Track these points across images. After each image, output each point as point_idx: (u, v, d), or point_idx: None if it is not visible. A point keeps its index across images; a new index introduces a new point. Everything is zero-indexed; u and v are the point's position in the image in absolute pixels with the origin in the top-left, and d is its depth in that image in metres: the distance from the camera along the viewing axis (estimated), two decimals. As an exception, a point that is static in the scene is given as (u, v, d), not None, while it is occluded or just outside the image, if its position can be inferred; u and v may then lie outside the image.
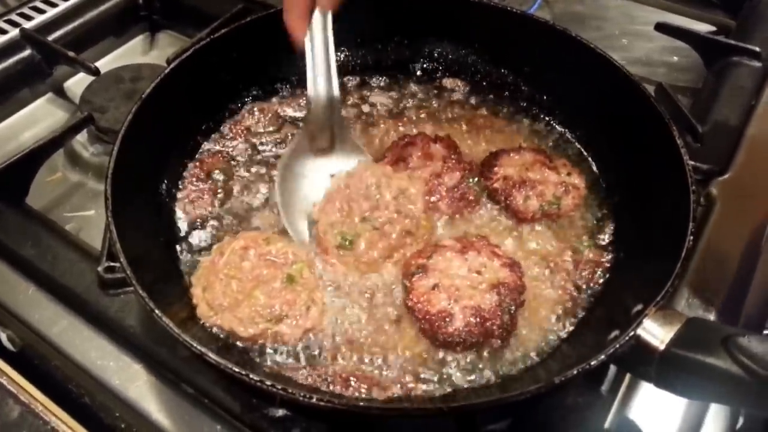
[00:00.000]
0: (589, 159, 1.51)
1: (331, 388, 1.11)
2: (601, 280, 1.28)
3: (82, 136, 1.71)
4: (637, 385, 1.21)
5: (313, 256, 1.27)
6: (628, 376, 1.22)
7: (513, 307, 1.17)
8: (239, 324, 1.13)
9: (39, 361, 1.31)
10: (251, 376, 0.94)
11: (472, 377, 1.14)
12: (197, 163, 1.47)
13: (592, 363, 0.98)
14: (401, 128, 1.57)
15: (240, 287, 1.17)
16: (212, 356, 0.96)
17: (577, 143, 1.55)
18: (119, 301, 1.30)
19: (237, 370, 0.94)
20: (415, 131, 1.53)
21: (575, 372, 0.97)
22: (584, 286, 1.28)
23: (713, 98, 1.80)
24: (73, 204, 1.63)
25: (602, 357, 0.99)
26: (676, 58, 2.08)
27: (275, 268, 1.20)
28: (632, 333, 1.00)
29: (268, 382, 0.94)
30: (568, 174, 1.41)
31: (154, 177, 1.38)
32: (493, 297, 1.17)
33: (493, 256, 1.23)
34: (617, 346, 0.99)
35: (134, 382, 1.21)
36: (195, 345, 0.97)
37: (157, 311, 1.00)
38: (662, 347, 0.99)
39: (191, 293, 1.19)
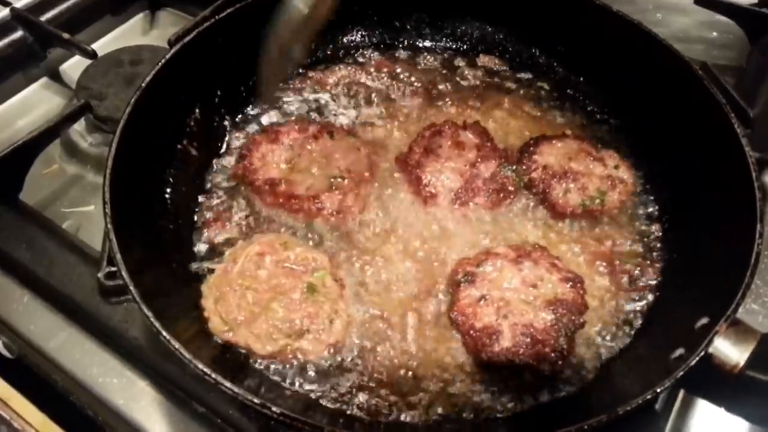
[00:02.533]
0: (636, 150, 1.37)
1: (355, 411, 1.00)
2: (653, 288, 1.16)
3: (79, 125, 1.59)
4: (692, 403, 1.10)
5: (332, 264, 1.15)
6: (681, 392, 1.11)
7: (571, 329, 1.04)
8: (256, 341, 1.02)
9: (37, 370, 1.21)
10: (274, 408, 0.83)
11: (518, 401, 1.02)
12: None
13: (659, 390, 0.87)
14: (427, 114, 1.44)
15: (256, 299, 1.06)
16: (228, 385, 0.85)
17: (620, 131, 1.41)
18: (122, 310, 1.19)
19: (258, 401, 0.84)
20: (441, 118, 1.40)
21: (639, 402, 0.85)
22: (635, 294, 1.16)
23: (761, 78, 1.66)
24: (71, 199, 1.51)
25: (670, 382, 0.87)
26: (715, 34, 1.93)
27: (294, 277, 1.08)
28: (702, 353, 0.89)
29: (293, 415, 0.83)
30: (616, 167, 1.28)
31: (159, 175, 1.25)
32: (549, 315, 1.05)
33: (552, 268, 1.11)
34: (686, 368, 0.88)
35: (139, 401, 1.10)
36: (209, 372, 0.86)
37: (164, 333, 0.89)
38: (737, 369, 0.88)
39: (202, 305, 1.08)
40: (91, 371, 1.13)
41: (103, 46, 1.78)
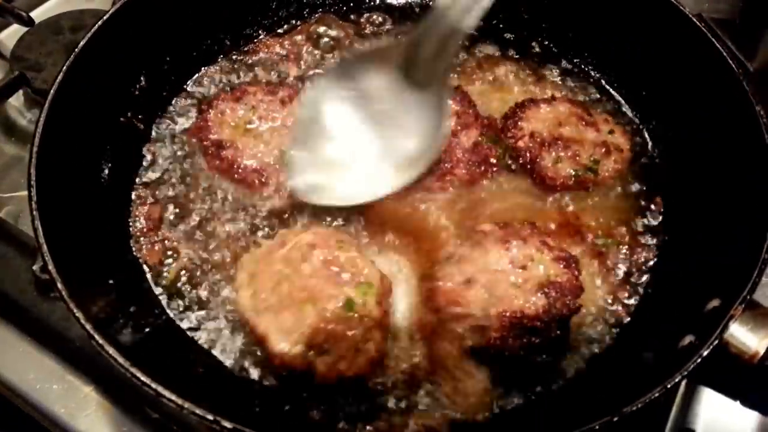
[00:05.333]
0: (632, 112, 1.26)
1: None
2: (657, 265, 1.06)
3: (17, 100, 1.46)
4: (696, 392, 1.00)
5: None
6: (684, 381, 1.01)
7: (566, 314, 0.94)
8: (278, 332, 0.89)
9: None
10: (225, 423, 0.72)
11: (505, 397, 0.92)
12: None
13: (669, 386, 0.76)
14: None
15: (290, 291, 0.93)
16: (173, 397, 0.73)
17: (616, 93, 1.29)
18: (62, 307, 1.05)
19: (211, 417, 0.73)
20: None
21: (646, 400, 0.75)
22: (636, 273, 1.06)
23: (756, 32, 1.55)
24: (10, 182, 1.37)
25: (681, 375, 0.77)
26: (705, -15, 1.80)
27: (335, 286, 0.93)
28: (716, 342, 0.78)
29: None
30: (611, 132, 1.16)
31: (99, 151, 1.11)
32: (541, 300, 0.94)
33: (543, 247, 0.99)
34: (699, 360, 0.77)
35: (84, 409, 1.01)
36: (148, 382, 0.74)
37: (96, 337, 0.79)
38: (756, 359, 0.78)
39: (235, 277, 0.98)
40: (28, 376, 1.03)
41: (43, 12, 1.61)
